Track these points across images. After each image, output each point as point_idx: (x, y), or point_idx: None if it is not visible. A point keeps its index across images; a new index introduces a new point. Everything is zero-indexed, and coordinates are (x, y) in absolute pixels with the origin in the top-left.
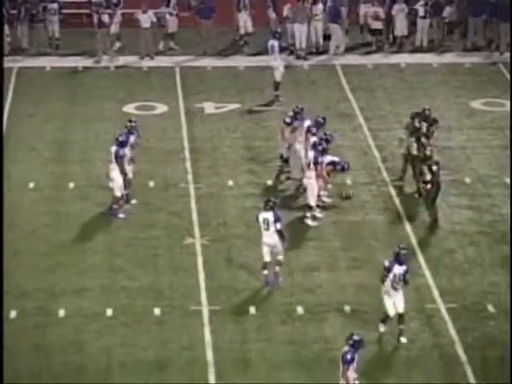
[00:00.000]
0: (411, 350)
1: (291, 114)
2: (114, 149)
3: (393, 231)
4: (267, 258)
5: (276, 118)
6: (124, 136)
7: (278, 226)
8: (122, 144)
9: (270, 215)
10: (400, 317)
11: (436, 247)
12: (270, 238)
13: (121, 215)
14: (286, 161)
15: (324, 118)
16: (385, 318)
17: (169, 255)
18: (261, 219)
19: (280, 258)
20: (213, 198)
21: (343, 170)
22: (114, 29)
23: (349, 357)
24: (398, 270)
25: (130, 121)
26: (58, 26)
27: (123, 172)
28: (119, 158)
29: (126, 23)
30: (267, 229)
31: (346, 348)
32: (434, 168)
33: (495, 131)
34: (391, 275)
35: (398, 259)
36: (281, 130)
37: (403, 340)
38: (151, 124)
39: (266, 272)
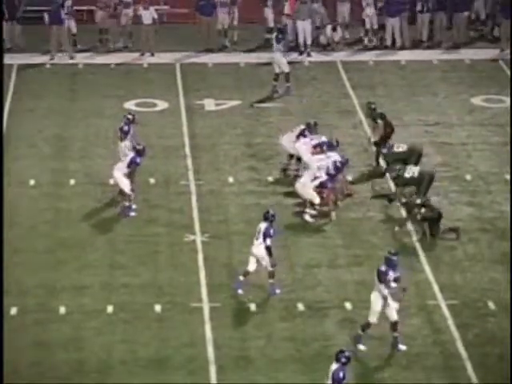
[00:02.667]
0: (411, 347)
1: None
2: (130, 156)
3: (393, 228)
4: (249, 267)
5: (277, 115)
6: (142, 146)
7: (268, 241)
8: (139, 152)
9: (263, 227)
10: (394, 324)
11: (436, 244)
12: (257, 248)
13: (132, 213)
14: (298, 159)
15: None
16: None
17: (169, 252)
18: (257, 228)
19: (270, 269)
20: (213, 194)
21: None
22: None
23: (341, 375)
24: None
25: (130, 114)
26: (74, 22)
27: (130, 178)
28: (134, 164)
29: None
30: (257, 238)
31: (337, 366)
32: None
33: (496, 128)
34: (393, 284)
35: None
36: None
37: (402, 347)
38: (152, 121)
39: (241, 278)
